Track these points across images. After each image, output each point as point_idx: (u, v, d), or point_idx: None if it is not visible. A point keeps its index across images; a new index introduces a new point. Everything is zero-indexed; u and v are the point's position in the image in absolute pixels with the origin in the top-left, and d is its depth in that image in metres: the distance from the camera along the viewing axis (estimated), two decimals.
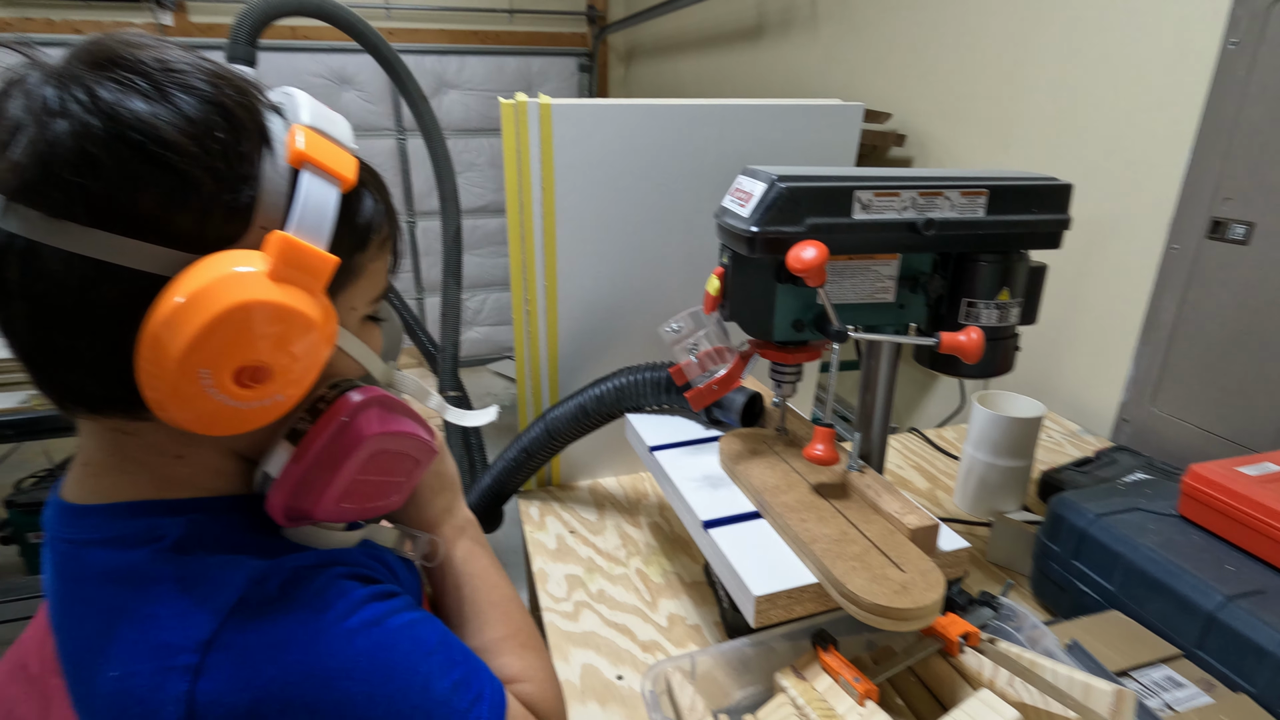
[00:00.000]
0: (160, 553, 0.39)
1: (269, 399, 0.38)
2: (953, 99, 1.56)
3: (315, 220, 0.38)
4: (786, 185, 0.65)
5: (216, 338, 0.34)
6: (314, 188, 0.38)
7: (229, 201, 0.36)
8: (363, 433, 0.42)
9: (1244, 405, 1.08)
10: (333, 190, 0.39)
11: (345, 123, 0.43)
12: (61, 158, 0.33)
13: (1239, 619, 0.63)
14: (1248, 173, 1.04)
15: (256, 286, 0.35)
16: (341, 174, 0.40)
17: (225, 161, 0.36)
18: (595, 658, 0.78)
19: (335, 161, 0.40)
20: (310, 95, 0.42)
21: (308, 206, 0.38)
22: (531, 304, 1.02)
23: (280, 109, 0.40)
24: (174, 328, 0.34)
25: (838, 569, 0.58)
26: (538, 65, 3.72)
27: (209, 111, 0.36)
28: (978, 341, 0.65)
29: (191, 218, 0.35)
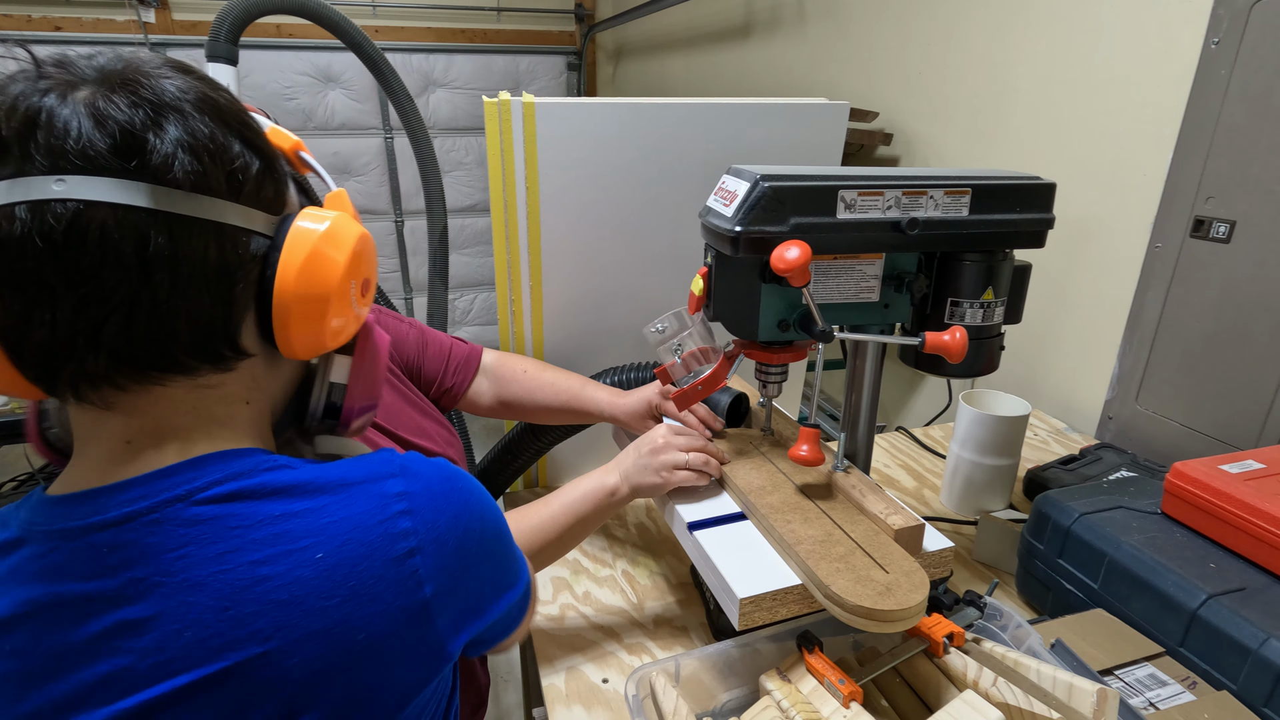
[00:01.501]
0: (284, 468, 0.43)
1: (366, 309, 0.48)
2: (939, 98, 1.56)
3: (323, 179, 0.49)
4: (770, 185, 0.64)
5: (357, 258, 0.44)
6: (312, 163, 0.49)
7: (283, 178, 0.45)
8: (380, 341, 0.52)
9: (1226, 402, 1.09)
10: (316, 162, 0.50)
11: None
12: (203, 145, 0.39)
13: (1221, 617, 0.64)
14: (1229, 171, 1.05)
15: (354, 223, 0.46)
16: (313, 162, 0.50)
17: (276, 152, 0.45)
18: (581, 661, 0.77)
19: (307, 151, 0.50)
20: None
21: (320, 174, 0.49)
22: (516, 304, 1.01)
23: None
24: (327, 257, 0.43)
25: (822, 571, 0.58)
26: (525, 64, 3.71)
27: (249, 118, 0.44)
28: (962, 341, 0.65)
29: (273, 189, 0.44)
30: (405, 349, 0.88)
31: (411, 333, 0.90)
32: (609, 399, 0.86)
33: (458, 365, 0.90)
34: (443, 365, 0.90)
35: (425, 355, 0.89)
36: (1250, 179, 1.02)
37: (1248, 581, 0.67)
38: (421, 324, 0.92)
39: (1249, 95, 1.01)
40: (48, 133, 0.36)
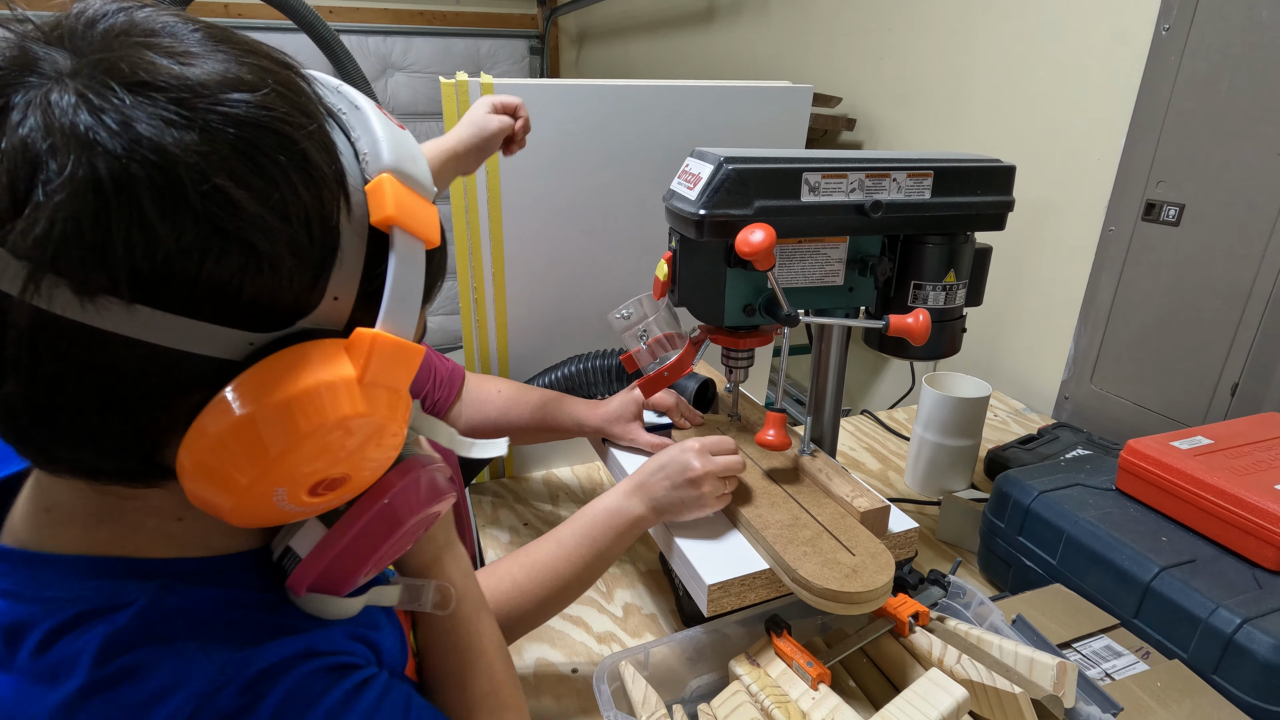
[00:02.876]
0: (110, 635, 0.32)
1: (335, 501, 0.35)
2: (901, 83, 1.57)
3: (406, 305, 0.33)
4: (734, 167, 0.63)
5: (305, 456, 0.31)
6: (405, 261, 0.32)
7: (307, 277, 0.31)
8: (404, 514, 0.39)
9: (1175, 381, 1.12)
10: (420, 260, 0.33)
11: (420, 151, 0.36)
12: (103, 220, 0.26)
13: (1172, 588, 0.66)
14: (1179, 156, 1.07)
15: (348, 399, 0.31)
16: (429, 236, 0.34)
17: (306, 230, 0.30)
18: (549, 651, 0.76)
19: (423, 222, 0.33)
20: (371, 101, 0.36)
21: (397, 288, 0.32)
22: (479, 291, 0.99)
23: (350, 135, 0.34)
24: (251, 442, 0.29)
25: (789, 555, 0.58)
26: (487, 47, 3.63)
27: (285, 164, 0.29)
28: (924, 324, 0.66)
29: (260, 294, 0.29)
30: None
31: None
32: (586, 410, 0.84)
33: (442, 381, 0.90)
34: (429, 379, 0.88)
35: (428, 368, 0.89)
36: (1198, 163, 1.05)
37: (1197, 553, 0.69)
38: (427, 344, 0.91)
39: (1197, 81, 1.03)
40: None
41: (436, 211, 0.36)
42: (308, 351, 0.30)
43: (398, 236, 0.32)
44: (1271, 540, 0.65)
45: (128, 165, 0.26)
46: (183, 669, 0.32)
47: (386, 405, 0.33)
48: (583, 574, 0.63)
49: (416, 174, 0.34)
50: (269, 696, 0.33)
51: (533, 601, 0.61)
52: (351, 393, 0.31)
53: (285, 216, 0.29)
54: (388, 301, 0.32)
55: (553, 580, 0.62)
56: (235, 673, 0.33)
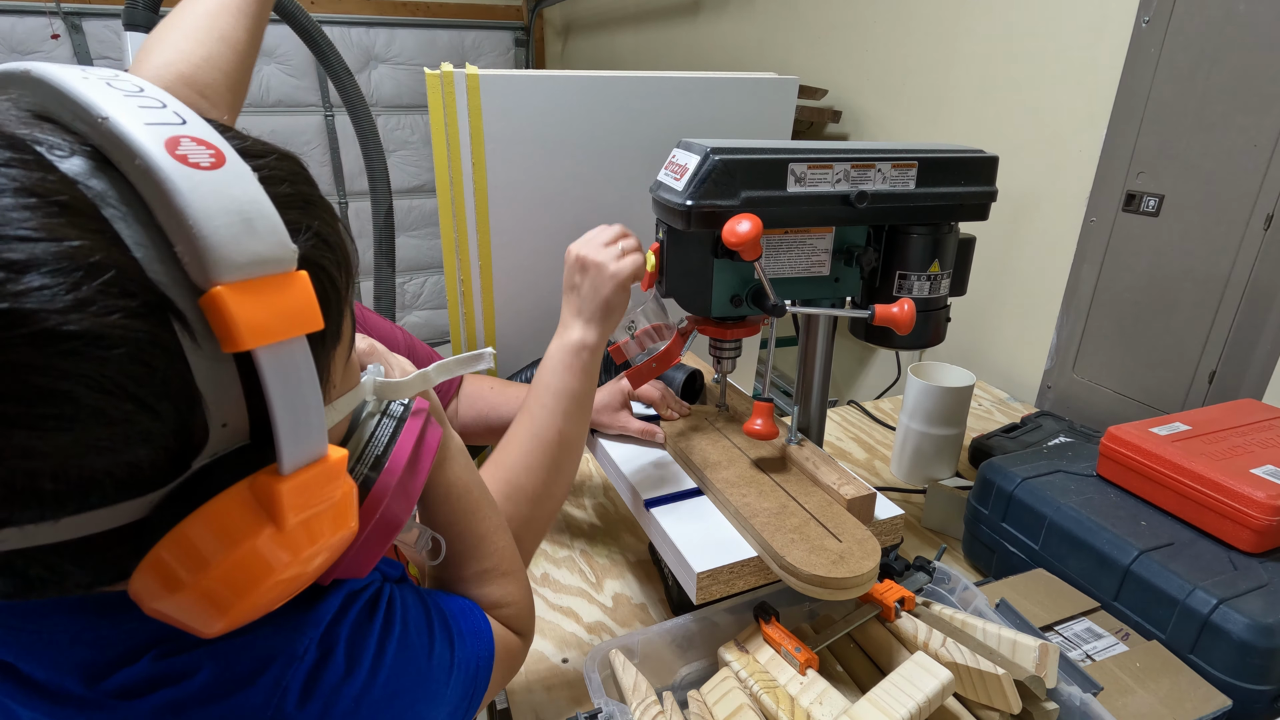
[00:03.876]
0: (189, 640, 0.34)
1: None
2: (886, 76, 1.58)
3: (303, 419, 0.29)
4: (721, 158, 0.64)
5: (247, 611, 0.30)
6: (282, 380, 0.27)
7: (169, 437, 0.27)
8: (398, 521, 0.40)
9: (1154, 369, 1.14)
10: (302, 356, 0.28)
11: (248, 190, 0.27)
12: None
13: (1151, 571, 0.67)
14: (1158, 147, 1.09)
15: (277, 556, 0.29)
16: (301, 327, 0.28)
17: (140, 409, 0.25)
18: (540, 642, 0.76)
19: (288, 315, 0.27)
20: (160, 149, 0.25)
21: (286, 413, 0.28)
22: (466, 284, 0.99)
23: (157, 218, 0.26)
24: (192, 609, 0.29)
25: (777, 542, 0.59)
26: (471, 39, 3.60)
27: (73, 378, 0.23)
28: (909, 313, 0.66)
29: (133, 470, 0.26)
30: (392, 346, 0.88)
31: (397, 333, 0.90)
32: None
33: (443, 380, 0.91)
34: None
35: (412, 359, 0.89)
36: (1178, 155, 1.06)
37: (1175, 537, 0.70)
38: (408, 332, 0.92)
39: (1177, 73, 1.05)
40: None
41: (302, 279, 0.28)
42: (220, 513, 0.28)
43: (262, 355, 0.27)
44: (1247, 523, 0.67)
45: None
46: (271, 642, 0.35)
47: (324, 526, 0.32)
48: (566, 429, 0.61)
49: (259, 251, 0.27)
50: (339, 643, 0.37)
51: (540, 485, 0.60)
52: (279, 547, 0.29)
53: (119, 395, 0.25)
54: (280, 435, 0.28)
55: (546, 441, 0.61)
56: (311, 632, 0.36)
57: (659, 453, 0.79)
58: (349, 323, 0.37)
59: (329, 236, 0.32)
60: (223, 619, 0.29)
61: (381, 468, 0.39)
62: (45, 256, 0.23)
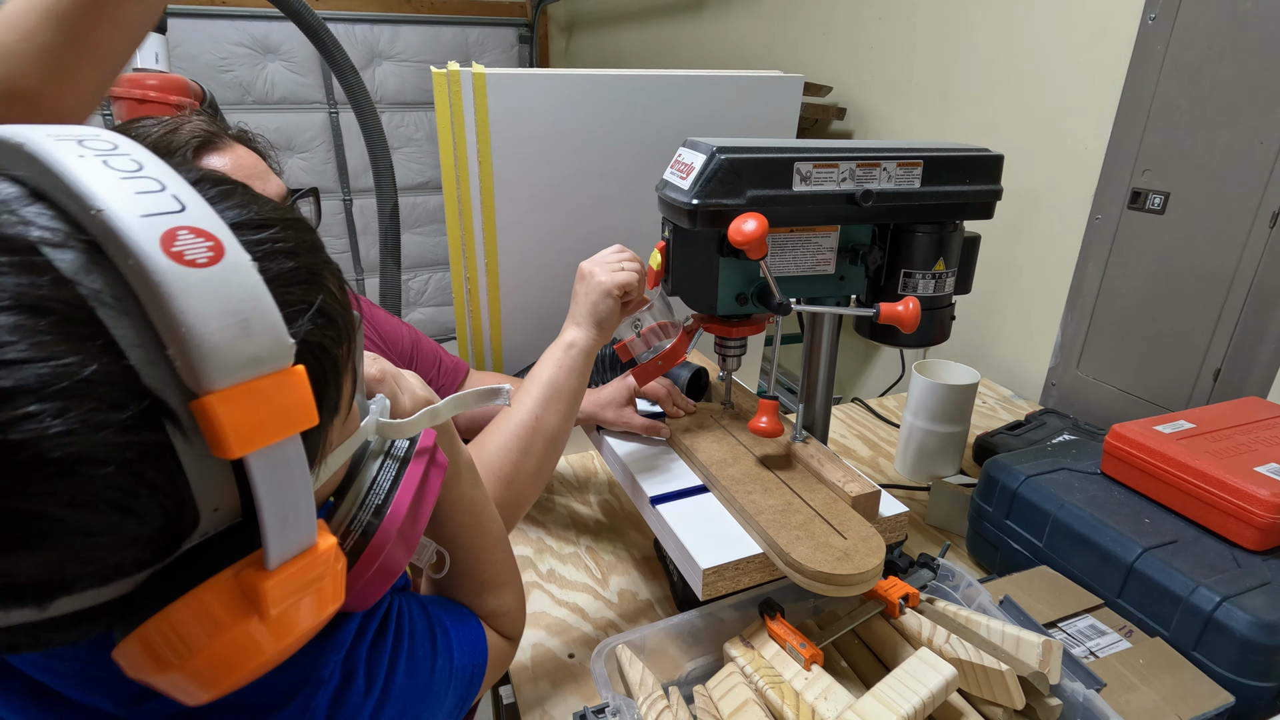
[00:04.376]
0: None
1: None
2: (890, 73, 1.58)
3: (292, 515, 0.28)
4: (727, 157, 0.64)
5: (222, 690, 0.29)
6: (272, 480, 0.27)
7: (158, 521, 0.26)
8: (397, 567, 0.40)
9: (1159, 367, 1.14)
10: (294, 455, 0.28)
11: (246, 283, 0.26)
12: None
13: (1154, 568, 0.67)
14: (1164, 145, 1.09)
15: (261, 645, 0.29)
16: (295, 425, 0.27)
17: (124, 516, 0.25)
18: (547, 638, 0.77)
19: (280, 419, 0.27)
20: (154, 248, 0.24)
21: (274, 512, 0.27)
22: (472, 281, 0.99)
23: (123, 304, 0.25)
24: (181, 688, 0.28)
25: (782, 539, 0.59)
26: (475, 36, 3.60)
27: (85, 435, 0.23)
28: (914, 311, 0.66)
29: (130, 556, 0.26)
30: (399, 342, 0.90)
31: (404, 329, 0.92)
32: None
33: (446, 371, 0.92)
34: (433, 371, 0.91)
35: (418, 354, 0.91)
36: (1183, 152, 1.06)
37: (1179, 535, 0.71)
38: (414, 328, 0.94)
39: (1183, 71, 1.04)
40: None
41: (298, 376, 0.28)
42: (205, 602, 0.27)
43: (253, 460, 0.26)
44: (1250, 521, 0.67)
45: None
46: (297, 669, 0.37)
47: (309, 609, 0.30)
48: (549, 419, 0.66)
49: (254, 352, 0.26)
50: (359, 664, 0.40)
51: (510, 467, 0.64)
52: (264, 633, 0.29)
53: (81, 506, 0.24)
54: (267, 532, 0.28)
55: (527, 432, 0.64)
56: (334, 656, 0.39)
57: (665, 449, 0.80)
58: (350, 382, 0.35)
59: (332, 310, 0.31)
60: (208, 694, 0.29)
61: (383, 515, 0.39)
62: (34, 381, 0.22)
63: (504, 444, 0.64)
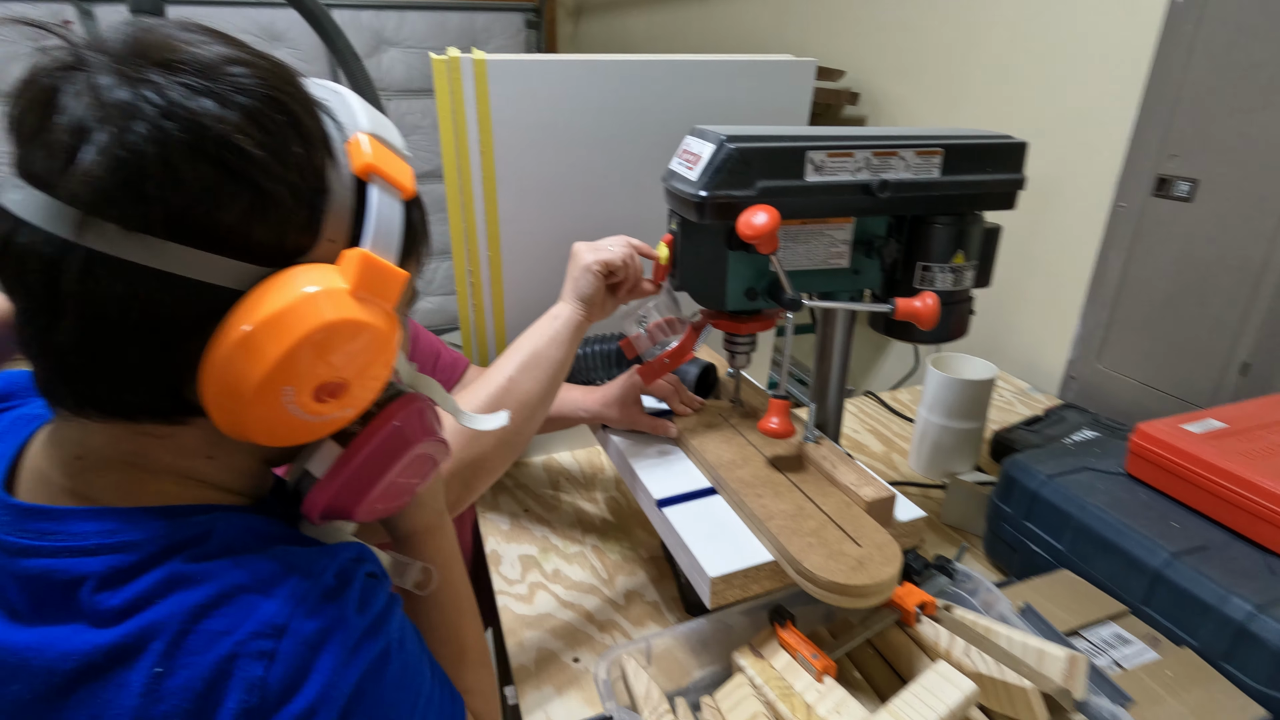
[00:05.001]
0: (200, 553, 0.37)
1: (341, 413, 0.38)
2: (906, 56, 1.53)
3: (386, 235, 0.38)
4: (736, 146, 0.61)
5: (305, 356, 0.34)
6: (384, 201, 0.38)
7: (303, 216, 0.36)
8: (410, 438, 0.44)
9: (1184, 360, 1.10)
10: (398, 202, 0.39)
11: (395, 128, 0.42)
12: (143, 168, 0.32)
13: (1183, 575, 0.64)
14: (1193, 129, 1.04)
15: (342, 305, 0.35)
16: (404, 184, 0.40)
17: (301, 175, 0.35)
18: (551, 640, 0.75)
19: (398, 172, 0.39)
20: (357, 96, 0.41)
21: (380, 221, 0.38)
22: (475, 274, 0.97)
23: (331, 110, 0.39)
24: (256, 348, 0.33)
25: (794, 546, 0.57)
26: (482, 21, 3.55)
27: (283, 122, 0.35)
28: (933, 308, 0.64)
29: (268, 231, 0.35)
30: None
31: (421, 334, 0.90)
32: (582, 395, 0.83)
33: (444, 367, 0.90)
34: (430, 364, 0.89)
35: (416, 349, 0.89)
36: (1213, 137, 1.02)
37: (1209, 540, 0.68)
38: (413, 322, 0.91)
39: (1214, 51, 1.00)
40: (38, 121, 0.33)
41: (410, 170, 0.41)
42: (304, 271, 0.35)
43: (375, 180, 0.38)
44: None
45: (160, 125, 0.32)
46: (286, 561, 0.38)
47: (376, 316, 0.37)
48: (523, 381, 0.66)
49: (389, 137, 0.40)
50: (355, 581, 0.39)
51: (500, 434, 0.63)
52: (341, 299, 0.35)
53: (284, 163, 0.34)
54: (371, 229, 0.37)
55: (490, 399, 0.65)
56: (327, 561, 0.39)
57: (672, 449, 0.77)
58: (412, 281, 0.44)
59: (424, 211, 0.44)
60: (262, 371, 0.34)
61: (398, 396, 0.44)
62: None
63: (473, 401, 0.64)
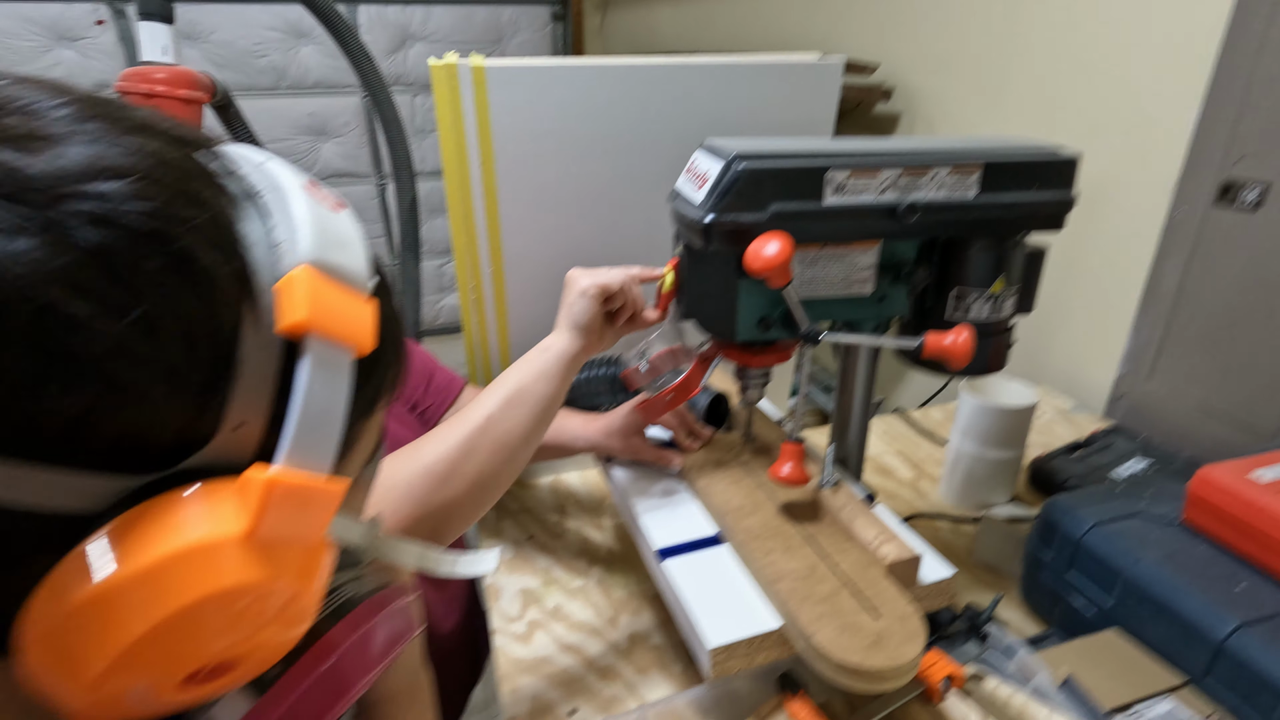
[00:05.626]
0: None
1: (232, 685, 0.27)
2: (944, 49, 1.44)
3: (319, 429, 0.26)
4: (746, 165, 0.55)
5: (169, 641, 0.23)
6: (320, 377, 0.26)
7: (190, 403, 0.24)
8: (352, 680, 0.32)
9: (1247, 383, 1.01)
10: (343, 369, 0.27)
11: (356, 236, 0.30)
12: None
13: (1251, 649, 0.57)
14: (1264, 130, 0.94)
15: (228, 565, 0.24)
16: (357, 338, 0.27)
17: (187, 348, 0.23)
18: (547, 689, 0.71)
19: (348, 321, 0.27)
20: (297, 178, 0.29)
21: (310, 410, 0.26)
22: (477, 289, 0.93)
23: (256, 226, 0.26)
24: (98, 623, 0.22)
25: (804, 616, 0.51)
26: (508, 15, 3.51)
27: (159, 269, 0.23)
28: (966, 344, 0.57)
29: (128, 432, 0.23)
30: None
31: (416, 351, 0.86)
32: (582, 424, 0.78)
33: (437, 389, 0.86)
34: (423, 386, 0.85)
35: (408, 370, 0.85)
36: None
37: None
38: (430, 355, 0.88)
39: None
40: None
41: (371, 308, 0.29)
42: (186, 500, 0.24)
43: (311, 344, 0.26)
44: None
45: None
46: None
47: (288, 567, 0.25)
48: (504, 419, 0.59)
49: (345, 263, 0.28)
50: None
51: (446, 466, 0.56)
52: (229, 556, 0.24)
53: (153, 334, 0.23)
54: (293, 429, 0.25)
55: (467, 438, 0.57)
56: None
57: (678, 488, 0.72)
58: (377, 427, 0.34)
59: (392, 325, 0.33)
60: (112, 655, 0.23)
61: (341, 618, 0.32)
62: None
63: (446, 439, 0.57)
